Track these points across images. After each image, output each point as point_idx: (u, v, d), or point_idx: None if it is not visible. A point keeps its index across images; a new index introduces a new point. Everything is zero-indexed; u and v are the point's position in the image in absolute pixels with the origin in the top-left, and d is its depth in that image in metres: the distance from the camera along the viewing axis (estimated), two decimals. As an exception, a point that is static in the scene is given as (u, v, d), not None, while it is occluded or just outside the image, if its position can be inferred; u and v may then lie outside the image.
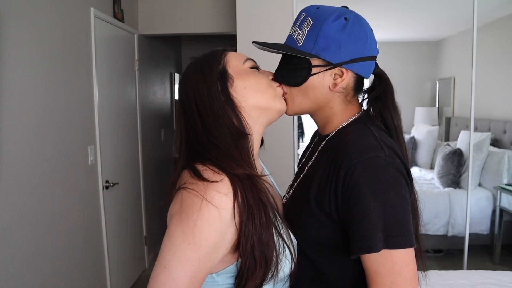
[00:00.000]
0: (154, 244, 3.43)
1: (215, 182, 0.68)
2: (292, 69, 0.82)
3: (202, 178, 0.69)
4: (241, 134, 0.77)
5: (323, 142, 0.86)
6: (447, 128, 3.77)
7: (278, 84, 0.85)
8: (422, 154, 3.84)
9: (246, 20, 2.54)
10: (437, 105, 3.88)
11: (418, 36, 3.75)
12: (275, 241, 0.73)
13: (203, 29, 3.08)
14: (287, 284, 0.82)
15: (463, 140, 3.31)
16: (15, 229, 1.63)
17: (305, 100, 0.84)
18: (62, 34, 2.02)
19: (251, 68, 0.83)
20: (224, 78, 0.79)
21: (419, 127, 3.89)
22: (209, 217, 0.66)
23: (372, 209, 0.69)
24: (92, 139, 2.34)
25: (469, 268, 2.71)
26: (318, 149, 0.86)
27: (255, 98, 0.80)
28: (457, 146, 3.33)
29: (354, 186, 0.71)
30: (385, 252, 0.69)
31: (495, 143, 3.29)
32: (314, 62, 0.80)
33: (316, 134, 0.98)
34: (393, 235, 0.69)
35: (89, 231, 2.28)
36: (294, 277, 0.82)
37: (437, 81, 3.83)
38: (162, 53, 3.89)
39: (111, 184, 2.53)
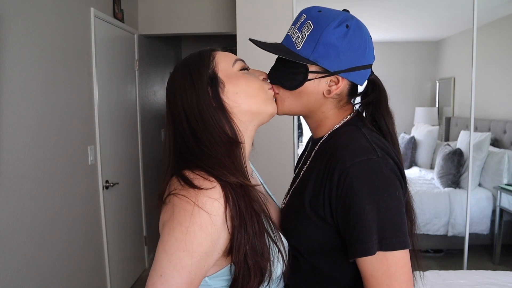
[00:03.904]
0: (154, 244, 3.43)
1: (206, 189, 0.67)
2: (288, 72, 0.81)
3: (193, 186, 0.67)
4: (233, 143, 0.76)
5: (317, 146, 0.86)
6: (447, 128, 3.76)
7: (270, 86, 0.84)
8: (422, 154, 3.83)
9: (246, 20, 2.54)
10: (437, 105, 3.87)
11: (418, 36, 3.74)
12: (268, 247, 0.72)
13: (203, 29, 3.08)
14: (282, 284, 0.82)
15: (463, 140, 3.31)
16: (15, 229, 1.63)
17: (297, 103, 0.83)
18: (62, 34, 2.02)
19: (241, 70, 0.81)
20: (214, 83, 0.76)
21: (419, 127, 3.88)
22: (201, 223, 0.65)
23: (366, 212, 0.69)
24: (92, 139, 2.34)
25: (469, 268, 2.71)
26: (312, 154, 0.86)
27: (247, 103, 0.78)
28: (457, 146, 3.32)
29: (348, 190, 0.71)
30: (380, 255, 0.69)
31: (495, 143, 3.28)
32: (311, 68, 0.79)
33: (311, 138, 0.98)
34: (387, 237, 0.69)
35: (89, 231, 2.28)
36: (287, 276, 0.82)
37: (437, 81, 3.83)
38: (162, 53, 3.89)
39: (111, 184, 2.53)
